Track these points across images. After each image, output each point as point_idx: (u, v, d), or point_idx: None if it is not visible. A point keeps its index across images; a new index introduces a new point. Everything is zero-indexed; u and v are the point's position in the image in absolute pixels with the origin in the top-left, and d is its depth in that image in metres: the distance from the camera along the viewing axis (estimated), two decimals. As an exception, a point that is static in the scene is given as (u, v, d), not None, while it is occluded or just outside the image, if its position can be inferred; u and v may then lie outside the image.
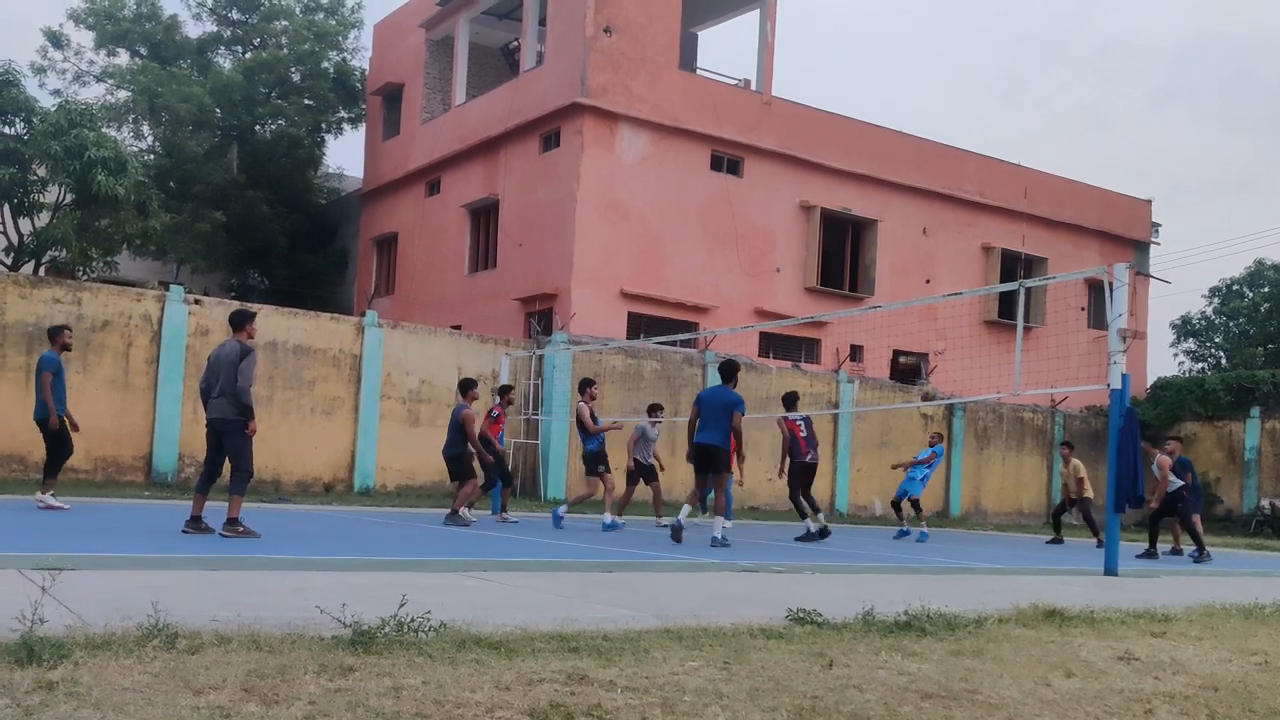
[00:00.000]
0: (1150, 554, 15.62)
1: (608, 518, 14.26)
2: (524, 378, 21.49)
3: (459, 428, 13.83)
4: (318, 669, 3.72)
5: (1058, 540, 18.69)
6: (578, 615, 5.37)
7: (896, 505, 18.02)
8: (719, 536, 11.87)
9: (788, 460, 14.66)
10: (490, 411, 15.45)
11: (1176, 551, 17.00)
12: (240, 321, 9.84)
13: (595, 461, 14.88)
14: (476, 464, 14.18)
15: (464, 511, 13.57)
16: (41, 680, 3.34)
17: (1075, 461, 18.78)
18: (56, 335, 12.28)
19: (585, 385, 15.23)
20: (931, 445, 17.89)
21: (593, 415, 14.94)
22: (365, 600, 5.21)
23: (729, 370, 12.57)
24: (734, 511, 18.15)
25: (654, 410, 16.63)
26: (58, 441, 12.00)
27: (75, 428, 12.33)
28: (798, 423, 14.71)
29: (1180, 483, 15.93)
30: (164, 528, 9.91)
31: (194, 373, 18.39)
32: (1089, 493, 18.48)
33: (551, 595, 6.51)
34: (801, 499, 14.45)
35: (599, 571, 8.23)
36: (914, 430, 25.97)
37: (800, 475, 14.57)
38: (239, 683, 3.47)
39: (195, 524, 9.58)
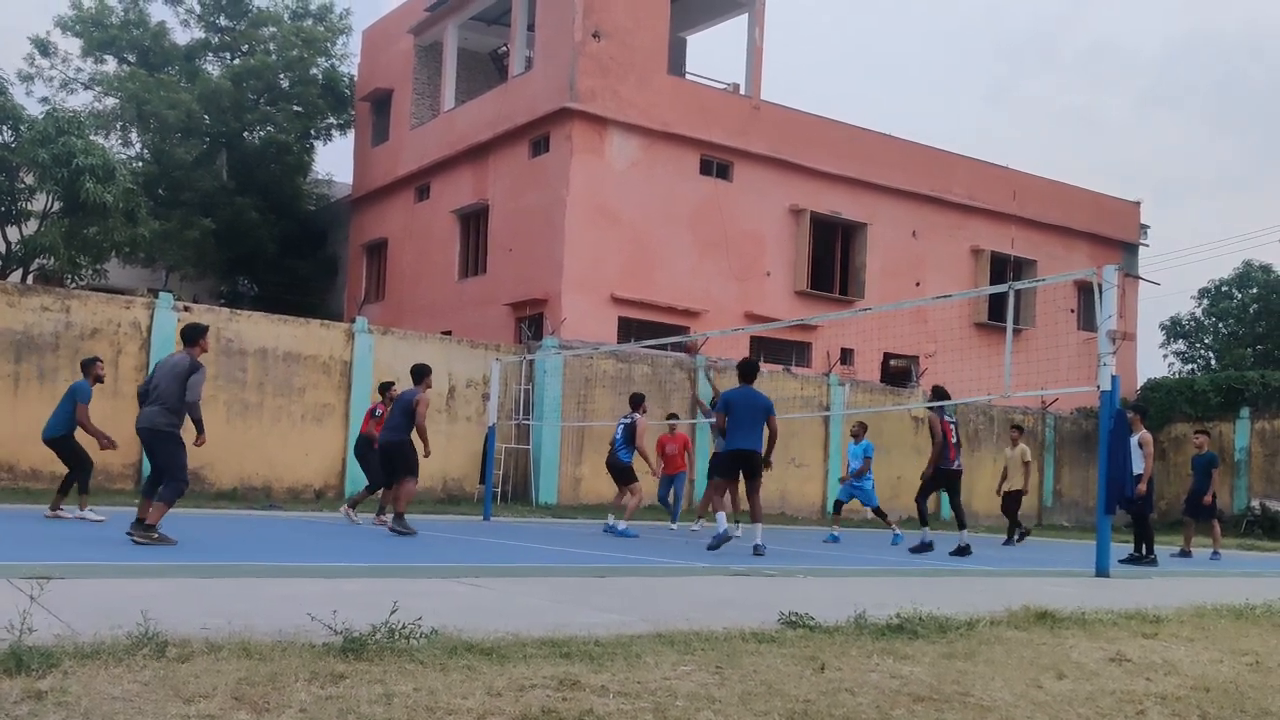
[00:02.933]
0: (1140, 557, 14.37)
1: (622, 524, 14.54)
2: (514, 383, 21.48)
3: (408, 412, 12.51)
4: (309, 676, 3.71)
5: (1011, 541, 17.65)
6: (569, 620, 5.36)
7: (839, 507, 16.68)
8: (760, 544, 11.54)
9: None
10: (373, 410, 14.90)
11: (1185, 553, 16.67)
12: (194, 336, 9.51)
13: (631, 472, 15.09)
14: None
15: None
16: (30, 690, 3.32)
17: (1023, 446, 17.56)
18: None
19: (638, 401, 15.38)
20: (857, 439, 16.33)
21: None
22: (356, 607, 5.19)
23: (752, 370, 12.07)
24: (724, 515, 18.18)
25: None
26: None
27: None
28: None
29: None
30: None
31: (183, 380, 18.36)
32: (1027, 487, 17.50)
33: (543, 600, 6.50)
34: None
35: (591, 576, 8.22)
36: (905, 433, 26.00)
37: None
38: (229, 691, 3.45)
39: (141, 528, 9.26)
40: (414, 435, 12.46)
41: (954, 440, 13.55)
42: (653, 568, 9.43)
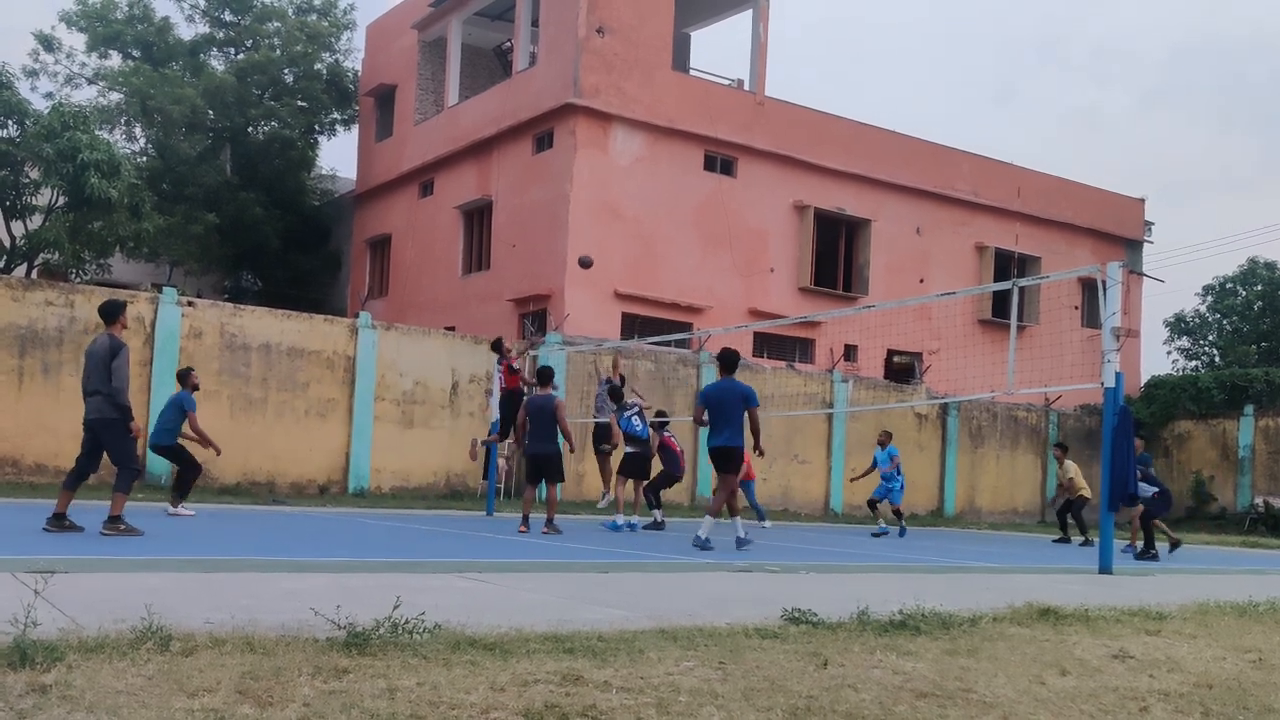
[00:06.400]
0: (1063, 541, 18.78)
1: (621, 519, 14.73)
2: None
3: (555, 420, 12.53)
4: (312, 671, 3.72)
5: (1063, 540, 18.88)
6: (572, 616, 5.37)
7: (873, 505, 18.39)
8: (743, 535, 11.43)
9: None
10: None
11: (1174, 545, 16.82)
12: (112, 314, 9.44)
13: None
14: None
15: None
16: (35, 683, 3.33)
17: (1068, 462, 18.89)
18: None
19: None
20: (883, 446, 18.27)
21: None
22: (360, 602, 5.20)
23: (733, 360, 11.43)
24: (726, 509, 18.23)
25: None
26: None
27: None
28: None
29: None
30: (158, 530, 9.89)
31: (187, 375, 18.37)
32: (1085, 492, 18.63)
33: (546, 596, 6.51)
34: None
35: (594, 572, 8.22)
36: (908, 430, 26.00)
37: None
38: (233, 685, 3.46)
39: (58, 522, 9.18)
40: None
41: (678, 450, 16.17)
42: (655, 564, 9.44)
